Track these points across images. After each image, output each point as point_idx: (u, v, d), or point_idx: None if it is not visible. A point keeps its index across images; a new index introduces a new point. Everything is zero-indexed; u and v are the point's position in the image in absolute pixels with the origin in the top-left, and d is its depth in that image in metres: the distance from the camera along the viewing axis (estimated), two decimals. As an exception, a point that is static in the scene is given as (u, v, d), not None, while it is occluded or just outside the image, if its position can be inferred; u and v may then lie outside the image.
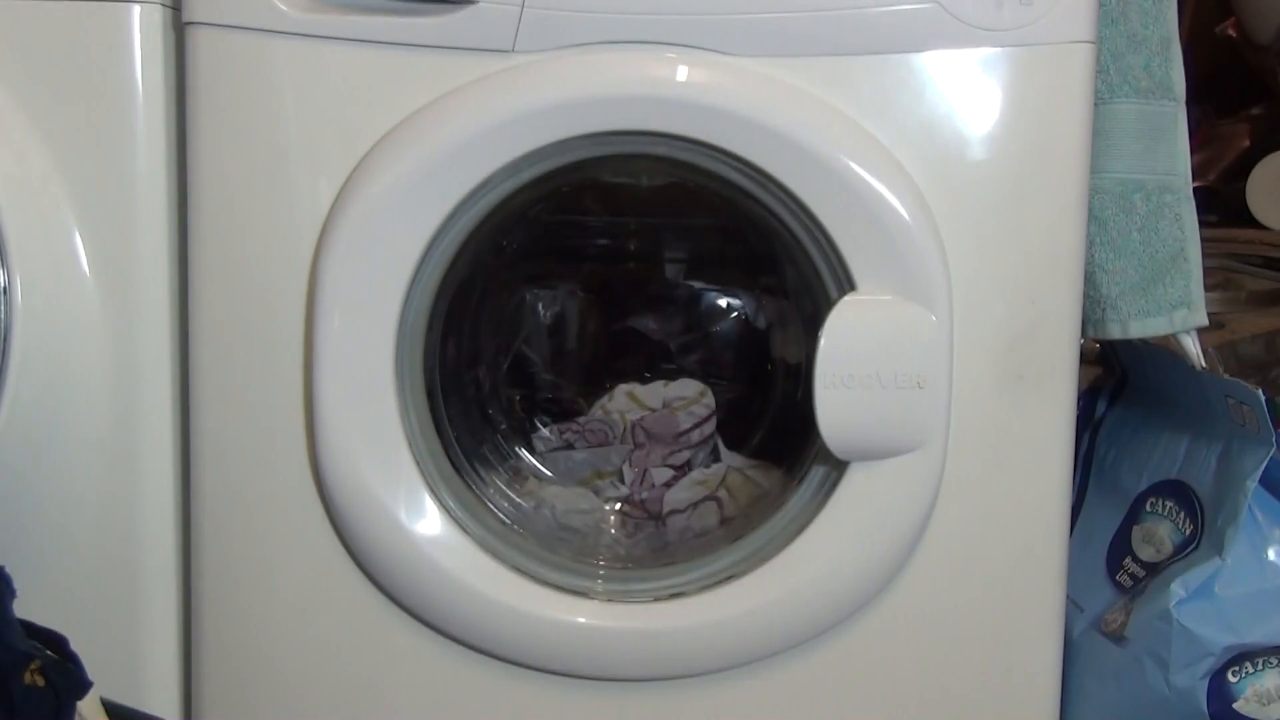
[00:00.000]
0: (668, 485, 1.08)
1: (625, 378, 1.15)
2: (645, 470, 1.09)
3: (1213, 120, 1.86)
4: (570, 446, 1.13)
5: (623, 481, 1.10)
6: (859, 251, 0.81)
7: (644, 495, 1.08)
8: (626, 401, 1.14)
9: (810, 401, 0.82)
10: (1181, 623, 0.90)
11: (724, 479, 1.07)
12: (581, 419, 1.14)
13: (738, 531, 0.94)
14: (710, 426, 1.12)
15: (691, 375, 1.14)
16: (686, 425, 1.11)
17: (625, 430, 1.12)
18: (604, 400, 1.14)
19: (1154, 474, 1.01)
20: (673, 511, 1.06)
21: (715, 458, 1.11)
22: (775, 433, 1.11)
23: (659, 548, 1.03)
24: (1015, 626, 0.89)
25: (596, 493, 1.09)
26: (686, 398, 1.12)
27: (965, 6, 0.81)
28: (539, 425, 1.15)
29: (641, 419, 1.12)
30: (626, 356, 1.17)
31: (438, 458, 0.90)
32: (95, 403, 0.90)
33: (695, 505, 1.05)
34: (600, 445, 1.12)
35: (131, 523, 0.92)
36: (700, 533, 1.03)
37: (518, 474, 1.09)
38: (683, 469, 1.10)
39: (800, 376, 1.02)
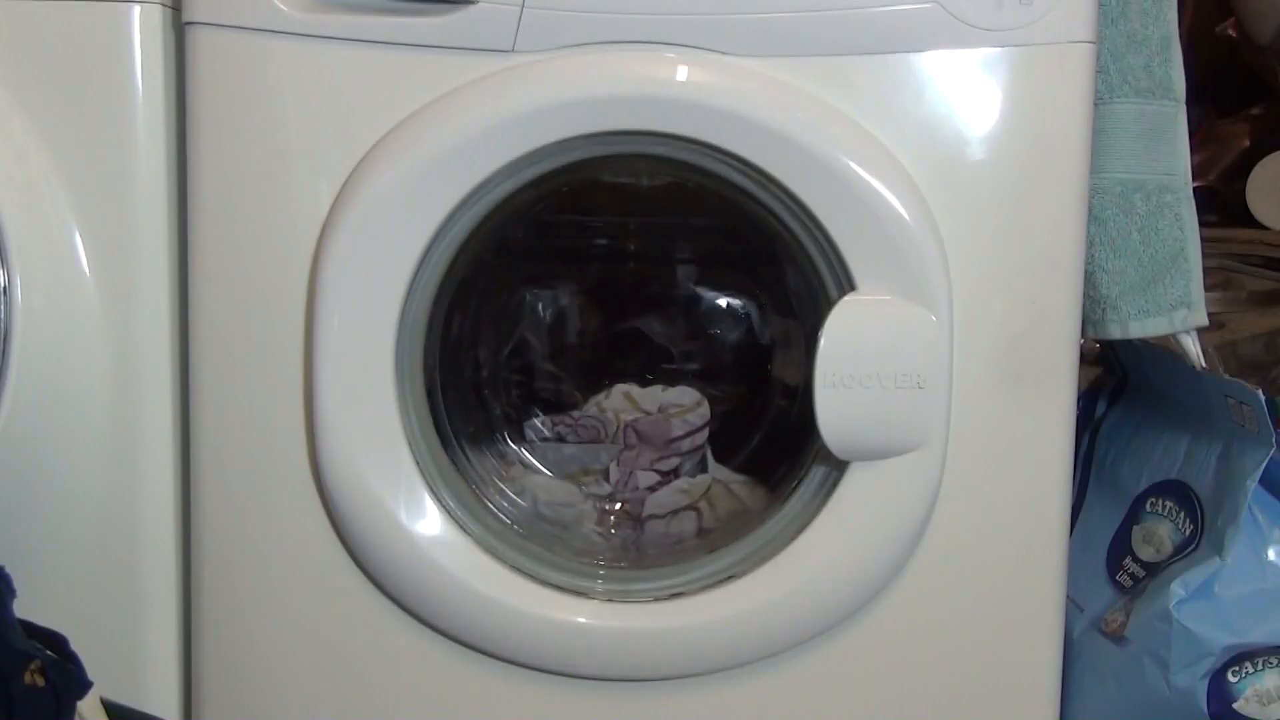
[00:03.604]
0: (651, 489, 1.08)
1: (625, 378, 1.15)
2: (632, 472, 1.09)
3: (1213, 120, 1.86)
4: (561, 439, 1.12)
5: (608, 480, 1.10)
6: (859, 251, 0.81)
7: (627, 496, 1.08)
8: (623, 401, 1.13)
9: (810, 401, 0.82)
10: (1181, 623, 0.90)
11: (707, 490, 1.07)
12: (576, 413, 1.14)
13: (713, 544, 0.94)
14: (702, 437, 1.11)
15: (691, 382, 1.14)
16: (679, 432, 1.11)
17: (618, 430, 1.12)
18: (600, 397, 1.14)
19: (1154, 474, 1.01)
20: (652, 516, 1.05)
21: (702, 468, 1.11)
22: (764, 450, 1.10)
23: (633, 548, 1.03)
24: (1015, 626, 0.89)
25: (580, 488, 1.09)
26: (682, 405, 1.12)
27: (965, 6, 0.81)
28: (533, 414, 1.14)
29: (635, 421, 1.12)
30: (627, 357, 1.17)
31: (438, 458, 0.90)
32: (95, 403, 0.90)
33: (675, 512, 1.05)
34: (591, 442, 1.12)
35: (131, 523, 0.92)
36: (677, 540, 1.03)
37: (504, 459, 1.09)
38: (669, 475, 1.10)
39: (797, 398, 1.02)
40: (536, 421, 1.13)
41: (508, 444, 1.11)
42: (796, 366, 1.03)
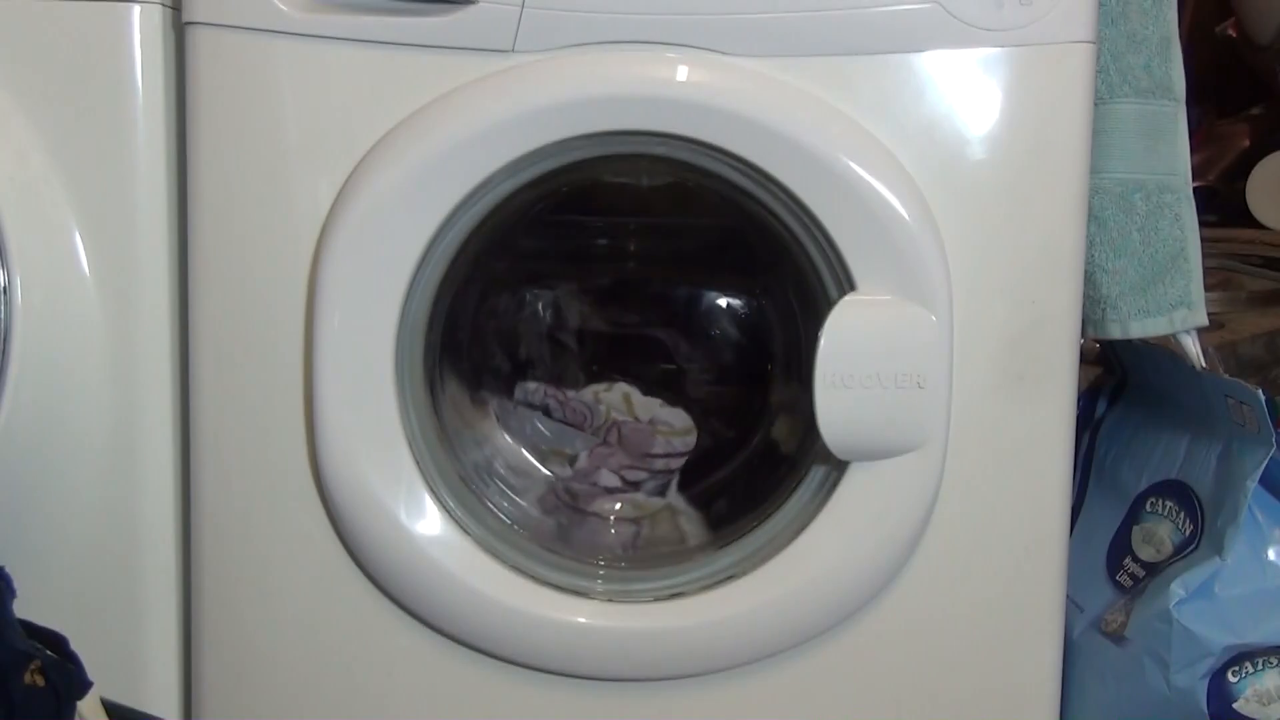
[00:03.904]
0: (610, 491, 1.07)
1: (628, 379, 1.15)
2: (600, 468, 1.08)
3: (1213, 120, 1.86)
4: (547, 412, 1.12)
5: (572, 466, 1.09)
6: (859, 251, 0.81)
7: (583, 488, 1.07)
8: (620, 400, 1.13)
9: (810, 401, 0.82)
10: (1181, 623, 0.90)
11: (656, 513, 1.07)
12: (571, 393, 1.13)
13: (638, 561, 0.93)
14: (677, 463, 1.10)
15: (688, 398, 1.13)
16: (658, 450, 1.10)
17: (604, 424, 1.12)
18: (601, 388, 1.14)
19: (1154, 474, 1.01)
20: (595, 515, 1.05)
21: (663, 492, 1.11)
22: (727, 492, 1.09)
23: (560, 538, 1.02)
24: (1015, 626, 0.89)
25: (542, 464, 1.08)
26: (672, 426, 1.11)
27: (965, 6, 0.81)
28: (528, 377, 1.13)
29: (623, 422, 1.11)
30: (629, 359, 1.17)
31: (438, 458, 0.90)
32: (95, 403, 0.90)
33: (617, 519, 1.05)
34: (574, 426, 1.11)
35: (131, 523, 0.92)
36: (606, 544, 1.02)
37: (481, 406, 1.08)
38: (631, 486, 1.09)
39: (781, 458, 1.02)
40: (529, 384, 1.12)
41: (492, 395, 1.10)
42: (793, 432, 1.02)
